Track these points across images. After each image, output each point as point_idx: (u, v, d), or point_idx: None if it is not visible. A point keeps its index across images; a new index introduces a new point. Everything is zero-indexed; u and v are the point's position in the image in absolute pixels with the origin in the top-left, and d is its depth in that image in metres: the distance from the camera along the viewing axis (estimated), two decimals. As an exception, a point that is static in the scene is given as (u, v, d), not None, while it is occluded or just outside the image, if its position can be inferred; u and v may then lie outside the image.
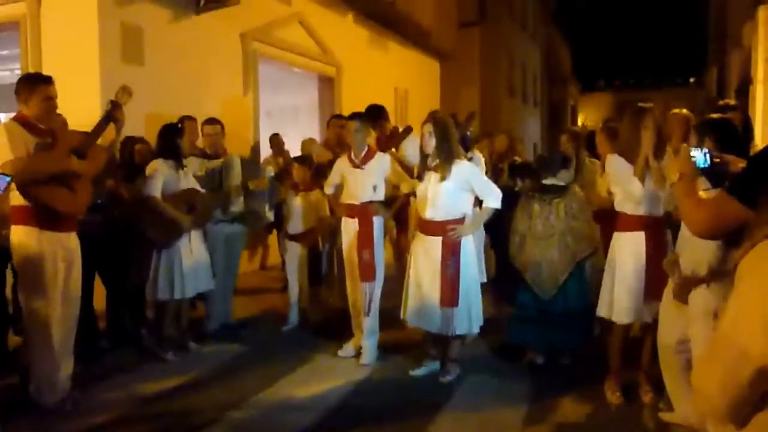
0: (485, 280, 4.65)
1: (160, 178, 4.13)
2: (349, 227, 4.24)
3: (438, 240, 3.71)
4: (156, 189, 4.10)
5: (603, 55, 41.94)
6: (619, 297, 3.36)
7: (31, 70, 5.30)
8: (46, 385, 3.35)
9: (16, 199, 3.26)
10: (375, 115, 4.98)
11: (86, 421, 3.24)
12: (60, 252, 3.36)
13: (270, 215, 4.85)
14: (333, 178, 4.41)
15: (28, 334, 3.40)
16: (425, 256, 3.77)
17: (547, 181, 4.01)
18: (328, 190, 4.49)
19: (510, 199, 4.07)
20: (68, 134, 3.45)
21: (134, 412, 3.39)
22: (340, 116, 5.44)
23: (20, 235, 3.29)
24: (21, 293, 3.38)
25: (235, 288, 5.14)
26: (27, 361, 3.40)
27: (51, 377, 3.36)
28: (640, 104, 3.40)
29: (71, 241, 3.46)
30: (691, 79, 35.68)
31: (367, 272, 4.14)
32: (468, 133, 4.91)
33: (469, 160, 4.21)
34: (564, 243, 3.90)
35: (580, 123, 28.51)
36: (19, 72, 5.73)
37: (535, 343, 4.06)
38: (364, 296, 4.15)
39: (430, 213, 3.73)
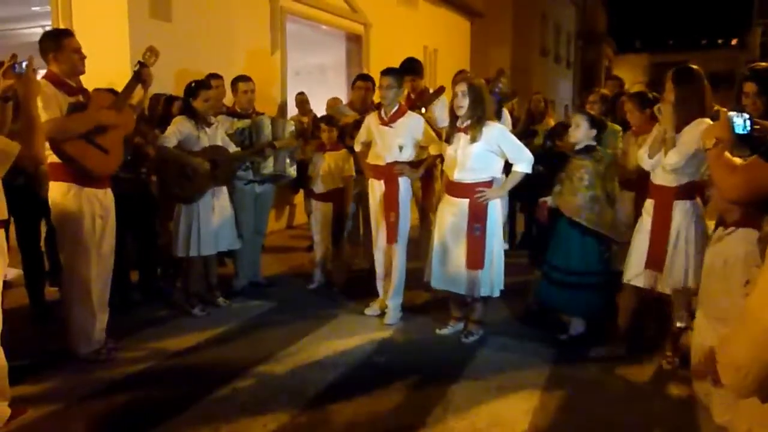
0: (507, 247, 4.65)
1: (176, 133, 4.11)
2: (375, 189, 4.23)
3: (465, 202, 3.69)
4: (168, 141, 4.08)
5: (640, 13, 40.30)
6: (628, 256, 3.55)
7: (62, 27, 5.33)
8: (83, 337, 3.47)
9: (54, 156, 3.29)
10: (411, 69, 4.85)
11: (119, 371, 3.37)
12: (97, 208, 3.44)
13: (292, 171, 4.83)
14: (361, 134, 4.36)
15: (67, 289, 3.50)
16: (452, 218, 3.75)
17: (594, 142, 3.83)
18: (357, 146, 4.46)
19: (545, 161, 4.00)
20: (99, 94, 3.47)
21: (164, 364, 3.50)
22: (364, 77, 5.33)
23: (59, 192, 3.35)
24: (61, 250, 3.47)
25: (263, 246, 5.21)
26: (65, 314, 3.50)
27: (87, 330, 3.48)
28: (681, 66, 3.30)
29: (107, 197, 3.53)
30: (733, 41, 34.24)
31: (393, 234, 4.15)
32: (497, 89, 4.80)
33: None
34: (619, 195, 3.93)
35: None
36: (49, 29, 5.76)
37: (592, 309, 3.84)
38: (391, 257, 4.17)
39: (458, 175, 3.69)
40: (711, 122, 3.16)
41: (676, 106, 3.16)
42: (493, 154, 3.64)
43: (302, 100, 6.97)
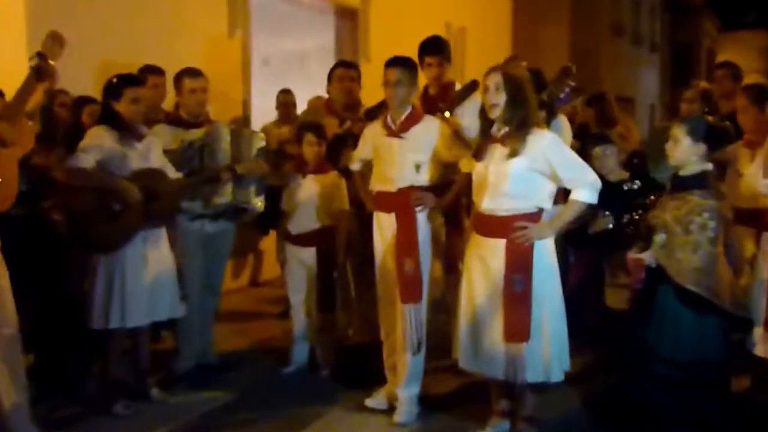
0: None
1: (95, 150, 4.13)
2: (384, 225, 4.25)
3: (500, 243, 3.66)
4: (85, 160, 4.09)
5: (752, -25, 40.90)
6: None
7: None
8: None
9: None
10: (434, 47, 4.88)
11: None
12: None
13: (259, 202, 4.83)
14: (361, 150, 4.44)
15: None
16: (482, 267, 3.74)
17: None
18: (354, 165, 4.52)
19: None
20: None
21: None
22: (347, 63, 5.38)
23: None
24: None
25: (217, 312, 5.22)
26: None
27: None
28: None
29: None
30: None
31: (409, 290, 4.14)
32: (563, 95, 4.84)
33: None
34: None
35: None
36: None
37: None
38: (405, 325, 4.14)
39: (489, 203, 3.68)
40: None
41: None
42: (539, 174, 3.63)
43: (287, 102, 7.02)
